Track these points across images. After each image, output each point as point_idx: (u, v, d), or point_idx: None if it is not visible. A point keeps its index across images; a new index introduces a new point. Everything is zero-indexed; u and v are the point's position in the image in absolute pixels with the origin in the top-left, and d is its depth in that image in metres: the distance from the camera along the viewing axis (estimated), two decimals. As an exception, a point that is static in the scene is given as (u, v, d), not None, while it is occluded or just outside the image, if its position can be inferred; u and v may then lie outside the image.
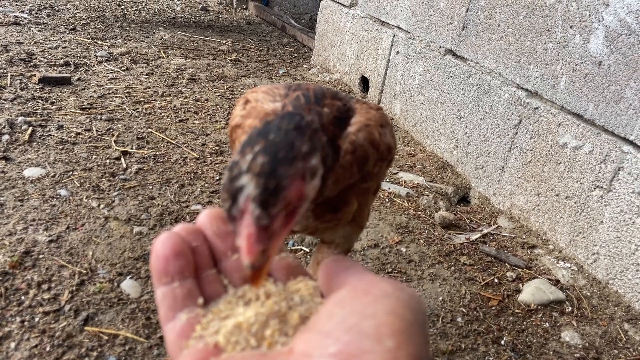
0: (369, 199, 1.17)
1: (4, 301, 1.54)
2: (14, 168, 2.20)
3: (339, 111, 0.95)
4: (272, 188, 0.59)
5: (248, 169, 0.60)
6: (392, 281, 0.42)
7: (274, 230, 0.60)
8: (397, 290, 0.40)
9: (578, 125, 2.09)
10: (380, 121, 1.04)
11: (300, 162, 0.63)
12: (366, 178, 1.01)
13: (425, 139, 3.06)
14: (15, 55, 3.37)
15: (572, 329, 1.82)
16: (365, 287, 0.40)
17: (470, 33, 2.66)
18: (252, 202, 0.58)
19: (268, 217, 0.58)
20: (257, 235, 0.58)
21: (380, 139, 1.01)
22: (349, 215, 1.11)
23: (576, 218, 2.12)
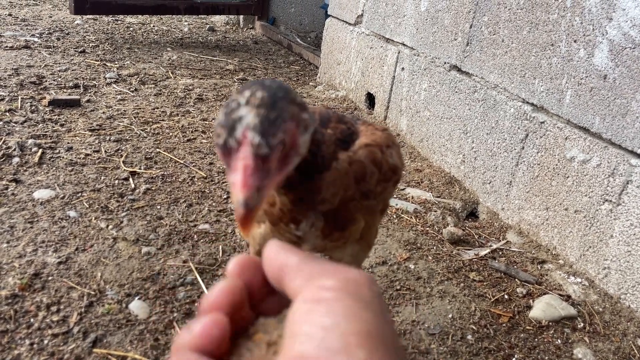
0: (376, 218, 1.17)
1: (14, 324, 1.55)
2: (24, 190, 2.22)
3: (342, 133, 0.97)
4: (272, 118, 0.58)
5: (247, 102, 0.59)
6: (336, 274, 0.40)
7: (270, 167, 0.59)
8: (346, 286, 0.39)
9: (585, 139, 2.09)
10: (386, 142, 1.06)
11: (296, 107, 0.64)
12: (368, 195, 1.02)
13: (432, 155, 3.06)
14: (26, 78, 3.42)
15: (585, 345, 1.80)
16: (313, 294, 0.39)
17: (474, 49, 2.68)
18: (251, 131, 0.57)
19: (268, 146, 0.57)
20: (255, 167, 0.57)
21: (383, 159, 1.02)
22: (357, 234, 1.11)
23: (586, 232, 2.10)
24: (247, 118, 0.58)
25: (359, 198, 1.00)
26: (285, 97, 0.62)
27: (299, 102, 0.65)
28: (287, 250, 0.45)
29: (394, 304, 1.88)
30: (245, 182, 0.56)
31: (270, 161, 0.58)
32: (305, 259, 0.43)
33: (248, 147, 0.57)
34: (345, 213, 1.01)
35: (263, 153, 0.57)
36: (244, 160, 0.57)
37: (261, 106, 0.59)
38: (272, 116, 0.59)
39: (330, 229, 1.02)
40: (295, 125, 0.63)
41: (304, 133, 0.66)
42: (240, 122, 0.58)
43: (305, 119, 0.66)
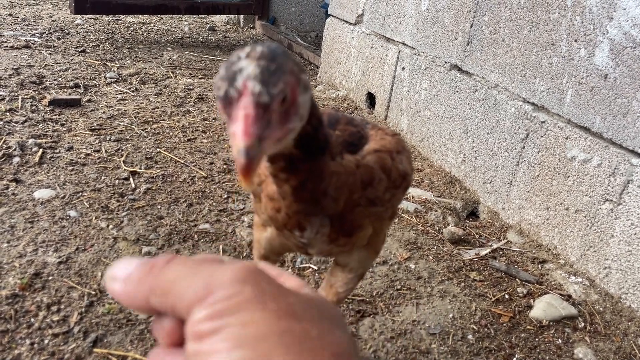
0: (384, 225, 1.15)
1: (14, 323, 1.55)
2: (24, 190, 2.22)
3: (350, 136, 0.95)
4: (272, 69, 0.59)
5: (247, 55, 0.60)
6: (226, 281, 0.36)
7: (271, 118, 0.59)
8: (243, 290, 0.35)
9: (586, 139, 2.09)
10: (396, 147, 1.04)
11: (296, 65, 0.64)
12: (375, 202, 1.00)
13: (432, 154, 3.06)
14: (26, 78, 3.42)
15: (586, 345, 1.79)
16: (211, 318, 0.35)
17: (475, 48, 2.67)
18: (252, 80, 0.57)
19: (268, 95, 0.57)
20: (256, 115, 0.57)
21: (392, 165, 1.00)
22: (364, 240, 1.10)
23: (586, 232, 2.10)
24: (248, 69, 0.58)
25: (365, 204, 0.98)
26: (284, 53, 0.63)
27: (298, 62, 0.66)
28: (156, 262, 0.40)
29: (394, 304, 1.88)
30: (246, 130, 0.56)
31: (271, 111, 0.58)
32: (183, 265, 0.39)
33: (249, 96, 0.57)
34: (352, 219, 1.00)
35: (264, 101, 0.57)
36: (245, 110, 0.57)
37: (261, 58, 0.59)
38: (273, 67, 0.59)
39: (337, 234, 1.01)
40: (294, 80, 0.63)
41: (304, 92, 0.66)
42: (241, 72, 0.58)
43: (305, 79, 0.66)
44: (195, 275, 0.37)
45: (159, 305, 0.38)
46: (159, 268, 0.39)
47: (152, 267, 0.39)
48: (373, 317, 1.80)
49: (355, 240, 1.07)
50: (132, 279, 0.39)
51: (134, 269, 0.39)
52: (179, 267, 0.38)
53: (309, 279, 1.95)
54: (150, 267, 0.39)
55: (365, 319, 1.79)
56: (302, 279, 1.71)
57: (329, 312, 0.39)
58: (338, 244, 1.04)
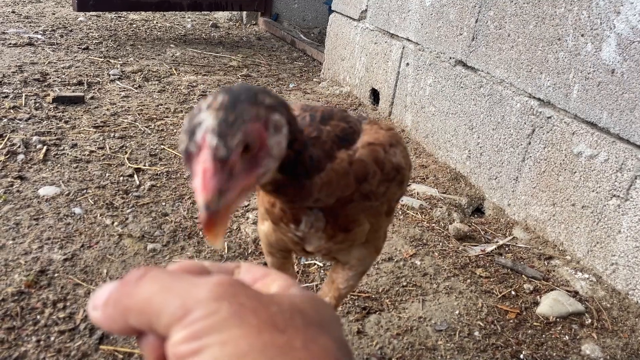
0: (382, 221, 1.13)
1: (20, 320, 1.54)
2: (29, 187, 2.22)
3: (342, 132, 0.94)
4: (231, 120, 0.58)
5: (208, 106, 0.59)
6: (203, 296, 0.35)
7: (233, 169, 0.57)
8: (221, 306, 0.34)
9: (592, 134, 2.07)
10: (389, 141, 1.02)
11: (263, 109, 0.63)
12: (369, 197, 0.99)
13: (437, 150, 3.05)
14: (30, 75, 3.42)
15: (593, 341, 1.79)
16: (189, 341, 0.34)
17: (480, 43, 2.66)
18: (209, 133, 0.56)
19: (226, 148, 0.56)
20: (214, 169, 0.56)
21: (385, 158, 0.99)
22: (362, 237, 1.09)
23: (593, 228, 2.09)
24: (207, 122, 0.57)
25: (358, 199, 0.97)
26: (248, 99, 0.61)
27: (268, 103, 0.64)
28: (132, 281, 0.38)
29: (400, 300, 1.87)
30: (205, 186, 0.55)
31: (230, 164, 0.57)
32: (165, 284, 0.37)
33: (207, 150, 0.56)
34: (346, 214, 0.99)
35: (221, 155, 0.56)
36: (203, 164, 0.56)
37: (220, 109, 0.58)
38: (231, 118, 0.58)
39: (333, 230, 1.00)
40: (261, 125, 0.62)
41: (275, 134, 0.65)
42: (200, 126, 0.57)
43: (276, 119, 0.65)
44: (170, 292, 0.36)
45: (138, 324, 0.37)
46: (133, 285, 0.37)
47: (126, 285, 0.38)
48: (379, 313, 1.80)
49: (353, 238, 1.06)
50: (109, 301, 0.38)
51: (111, 291, 0.38)
52: (153, 284, 0.37)
53: (314, 276, 1.94)
54: (123, 284, 0.38)
55: (371, 315, 1.78)
56: (294, 277, 1.70)
57: (317, 314, 0.38)
58: (336, 241, 1.04)
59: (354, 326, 1.72)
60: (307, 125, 0.91)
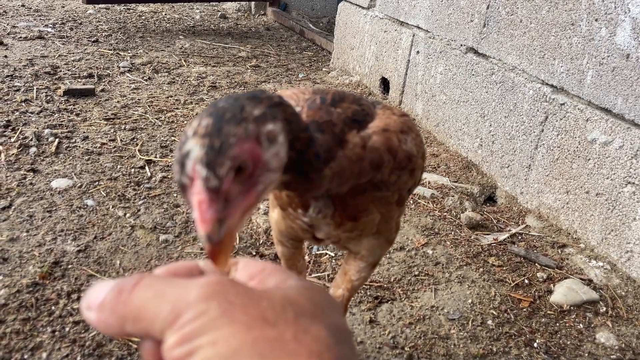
0: (393, 211, 1.10)
1: (35, 311, 1.56)
2: (41, 180, 2.23)
3: (354, 114, 0.91)
4: (217, 147, 0.56)
5: (194, 133, 0.58)
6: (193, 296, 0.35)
7: (228, 196, 0.56)
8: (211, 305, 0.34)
9: (607, 120, 2.04)
10: (401, 127, 0.99)
11: (251, 124, 0.60)
12: (380, 186, 0.96)
13: (448, 139, 3.02)
14: (41, 68, 3.43)
15: (607, 329, 1.77)
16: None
17: (491, 30, 2.62)
18: (198, 164, 0.55)
19: (216, 177, 0.55)
20: (209, 200, 0.55)
21: (398, 146, 0.96)
22: (372, 226, 1.07)
23: (608, 215, 2.06)
24: (194, 151, 0.56)
25: (370, 189, 0.95)
26: (233, 117, 0.59)
27: (257, 115, 0.62)
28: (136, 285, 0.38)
29: (412, 290, 1.86)
30: (202, 218, 0.54)
31: (224, 191, 0.56)
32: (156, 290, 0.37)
33: (198, 181, 0.55)
34: (355, 202, 0.97)
35: (212, 185, 0.55)
36: (197, 196, 0.55)
37: (205, 135, 0.57)
38: (217, 144, 0.56)
39: (341, 218, 0.98)
40: (252, 142, 0.60)
41: (271, 146, 0.63)
42: (189, 156, 0.56)
43: (269, 130, 0.63)
44: (162, 298, 0.36)
45: (135, 331, 0.37)
46: (127, 293, 0.38)
47: (120, 293, 0.38)
48: (391, 303, 1.79)
49: (362, 227, 1.04)
50: (105, 306, 0.38)
51: (106, 296, 0.38)
52: (146, 291, 0.37)
53: (326, 266, 1.94)
54: (118, 292, 0.38)
55: (384, 304, 1.78)
56: (304, 268, 1.70)
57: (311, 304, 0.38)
58: (344, 229, 1.02)
59: (366, 315, 1.72)
60: (317, 108, 0.88)
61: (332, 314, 0.38)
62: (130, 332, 0.37)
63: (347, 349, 0.36)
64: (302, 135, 0.74)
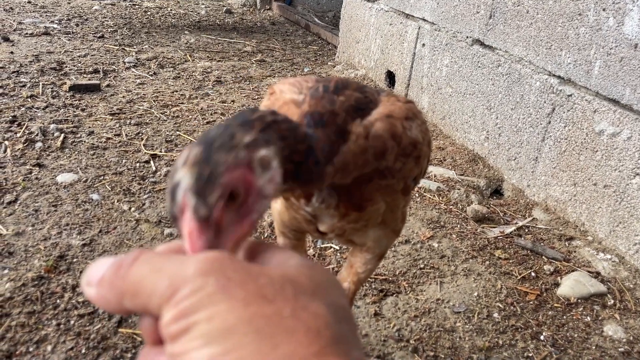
0: (398, 200, 1.08)
1: (40, 305, 1.56)
2: (47, 174, 2.24)
3: (357, 101, 0.90)
4: (206, 175, 0.55)
5: (184, 163, 0.57)
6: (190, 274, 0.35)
7: (220, 225, 0.55)
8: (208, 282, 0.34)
9: (615, 112, 2.02)
10: (405, 113, 0.98)
11: (242, 150, 0.59)
12: (385, 174, 0.94)
13: (454, 132, 3.00)
14: (46, 64, 3.44)
15: (615, 322, 1.75)
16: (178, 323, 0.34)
17: (498, 21, 2.60)
18: (188, 193, 0.54)
19: (206, 206, 0.54)
20: (199, 230, 0.54)
21: (403, 132, 0.95)
22: (377, 216, 1.05)
23: (616, 207, 2.04)
24: (184, 180, 0.55)
25: (376, 177, 0.93)
26: (222, 145, 0.58)
27: (248, 141, 0.60)
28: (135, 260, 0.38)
29: (418, 283, 1.85)
30: (193, 247, 0.53)
31: (214, 220, 0.55)
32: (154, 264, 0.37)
33: (188, 211, 0.54)
34: (361, 192, 0.95)
35: (202, 215, 0.54)
36: (187, 226, 0.54)
37: (195, 164, 0.56)
38: (206, 172, 0.55)
39: (346, 208, 0.97)
40: (244, 170, 0.58)
41: (264, 172, 0.61)
42: (179, 186, 0.55)
43: (262, 156, 0.61)
44: (160, 273, 0.36)
45: (133, 307, 0.37)
46: (126, 268, 0.37)
47: (119, 268, 0.37)
48: (396, 296, 1.78)
49: (368, 217, 1.03)
50: (104, 282, 0.38)
51: (105, 271, 0.38)
52: (144, 266, 0.37)
53: (330, 259, 1.94)
54: (117, 268, 0.38)
55: (389, 297, 1.77)
56: (322, 258, 1.69)
57: (311, 282, 0.37)
58: (349, 220, 1.00)
59: (371, 308, 1.71)
60: (319, 97, 0.87)
61: (332, 292, 0.38)
62: (128, 308, 0.37)
63: (346, 328, 0.36)
64: (300, 147, 0.72)
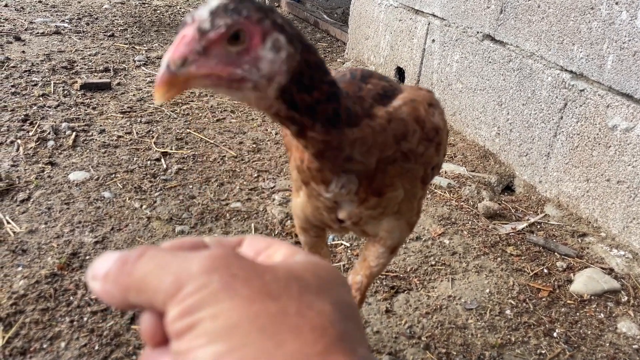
0: (416, 189, 1.09)
1: (54, 302, 1.58)
2: (59, 172, 2.26)
3: (383, 89, 0.93)
4: (230, 7, 0.62)
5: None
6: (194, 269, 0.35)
7: (209, 49, 0.61)
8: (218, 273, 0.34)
9: (628, 106, 1.99)
10: (428, 100, 1.02)
11: (268, 21, 0.65)
12: (409, 156, 0.96)
13: (465, 128, 2.98)
14: (58, 63, 3.46)
15: (629, 319, 1.74)
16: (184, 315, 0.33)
17: (508, 16, 2.58)
18: (205, 10, 0.61)
19: (210, 24, 0.60)
20: (191, 38, 0.60)
21: (426, 117, 0.98)
22: (394, 204, 1.05)
23: (629, 203, 2.02)
24: (212, 3, 0.62)
25: (400, 160, 0.95)
26: (258, 5, 0.65)
27: (279, 22, 0.67)
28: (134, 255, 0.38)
29: (429, 279, 1.85)
30: (175, 47, 0.60)
31: (209, 39, 0.60)
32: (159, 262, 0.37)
33: (195, 22, 0.61)
34: (383, 176, 0.96)
35: (202, 28, 0.60)
36: (183, 32, 0.61)
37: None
38: (232, 6, 0.62)
39: (365, 193, 0.97)
40: (259, 31, 0.64)
41: (271, 50, 0.66)
42: (205, 5, 0.62)
43: (279, 39, 0.66)
44: (165, 269, 0.35)
45: (139, 302, 0.37)
46: (131, 264, 0.37)
47: (125, 264, 0.37)
48: (407, 292, 1.78)
49: (386, 204, 1.03)
50: (109, 277, 0.38)
51: (111, 266, 0.38)
52: (149, 262, 0.37)
53: (341, 256, 1.93)
54: (122, 263, 0.38)
55: (400, 294, 1.77)
56: (327, 256, 1.69)
57: (317, 279, 0.37)
58: (367, 206, 1.01)
59: (382, 305, 1.71)
60: (347, 82, 0.91)
61: (338, 289, 0.38)
62: (133, 304, 0.37)
63: (351, 325, 0.35)
64: (324, 87, 0.76)
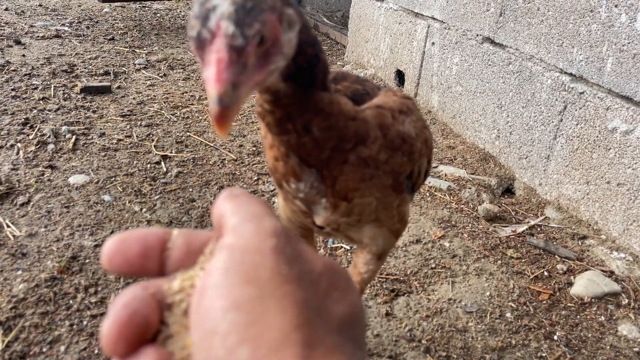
0: (389, 197, 1.04)
1: (54, 305, 1.58)
2: (59, 176, 2.26)
3: (353, 93, 0.91)
4: (249, 7, 0.54)
5: None
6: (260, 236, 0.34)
7: (247, 62, 0.54)
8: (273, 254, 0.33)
9: (628, 109, 1.99)
10: (400, 107, 0.98)
11: (279, 1, 0.59)
12: (368, 162, 0.92)
13: (465, 131, 2.98)
14: (58, 66, 3.47)
15: (630, 322, 1.73)
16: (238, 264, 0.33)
17: (508, 19, 2.58)
18: (225, 20, 0.53)
19: (243, 37, 0.53)
20: (229, 60, 0.52)
21: (391, 124, 0.94)
22: (369, 212, 1.03)
23: (629, 206, 2.01)
24: (222, 7, 0.53)
25: (356, 163, 0.91)
26: None
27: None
28: (228, 196, 0.39)
29: (429, 282, 1.85)
30: (219, 77, 0.52)
31: (246, 55, 0.53)
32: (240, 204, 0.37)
33: (222, 38, 0.52)
34: (344, 179, 0.93)
35: (238, 44, 0.52)
36: (217, 53, 0.52)
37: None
38: (249, 5, 0.54)
39: (334, 197, 0.95)
40: (276, 17, 0.58)
41: (288, 30, 0.61)
42: (214, 11, 0.53)
43: (290, 14, 0.62)
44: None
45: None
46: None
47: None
48: (408, 295, 1.78)
49: (359, 211, 1.01)
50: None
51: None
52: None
53: (341, 259, 1.93)
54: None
55: (400, 297, 1.77)
56: (333, 258, 1.69)
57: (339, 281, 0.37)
58: (342, 213, 0.99)
59: (383, 308, 1.70)
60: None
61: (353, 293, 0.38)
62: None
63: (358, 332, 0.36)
64: (309, 50, 0.72)
